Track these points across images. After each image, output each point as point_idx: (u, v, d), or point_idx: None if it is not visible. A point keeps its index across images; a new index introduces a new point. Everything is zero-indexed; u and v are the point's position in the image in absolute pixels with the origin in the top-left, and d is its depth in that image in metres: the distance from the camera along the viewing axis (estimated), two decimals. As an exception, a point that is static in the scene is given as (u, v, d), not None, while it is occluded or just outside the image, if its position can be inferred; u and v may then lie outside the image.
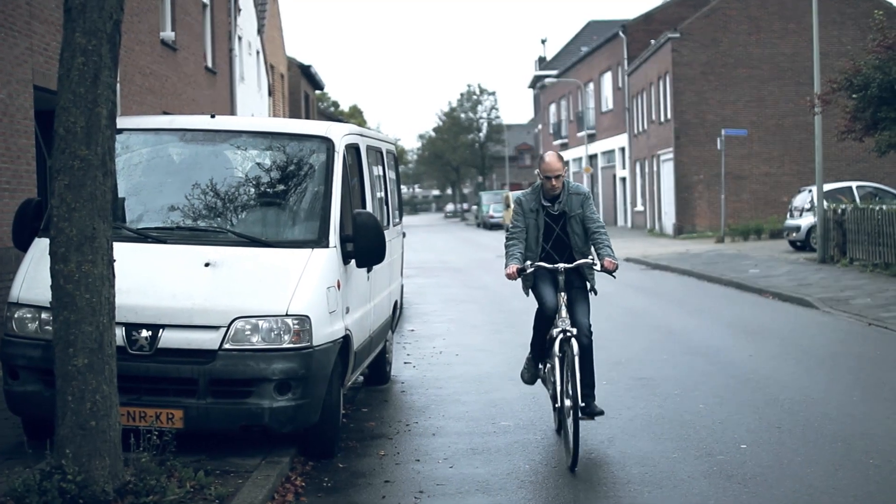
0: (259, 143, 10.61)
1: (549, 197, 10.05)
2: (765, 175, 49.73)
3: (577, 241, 10.12)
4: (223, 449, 9.36)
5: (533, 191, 10.20)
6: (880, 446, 9.70)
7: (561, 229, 10.11)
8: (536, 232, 10.09)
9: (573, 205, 10.07)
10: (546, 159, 10.00)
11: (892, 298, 20.47)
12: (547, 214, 10.09)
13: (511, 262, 9.97)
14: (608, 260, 9.88)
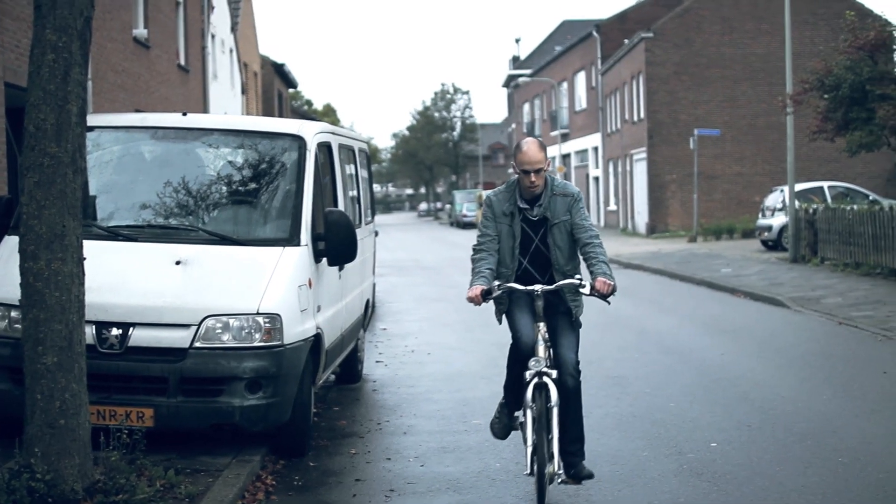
0: (231, 141, 10.57)
1: (528, 197, 8.01)
2: (737, 175, 49.91)
3: (558, 256, 8.05)
4: (194, 447, 9.33)
5: (507, 189, 8.16)
6: (850, 444, 9.74)
7: (541, 240, 8.07)
8: (512, 241, 8.04)
9: (557, 209, 8.01)
10: (523, 148, 7.92)
11: (863, 298, 20.57)
12: (524, 220, 8.04)
13: (476, 282, 7.90)
14: (601, 280, 7.76)
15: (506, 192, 8.16)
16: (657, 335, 17.17)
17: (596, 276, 7.81)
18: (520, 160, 7.90)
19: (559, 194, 8.03)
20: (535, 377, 7.66)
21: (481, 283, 7.86)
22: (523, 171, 7.89)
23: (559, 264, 8.04)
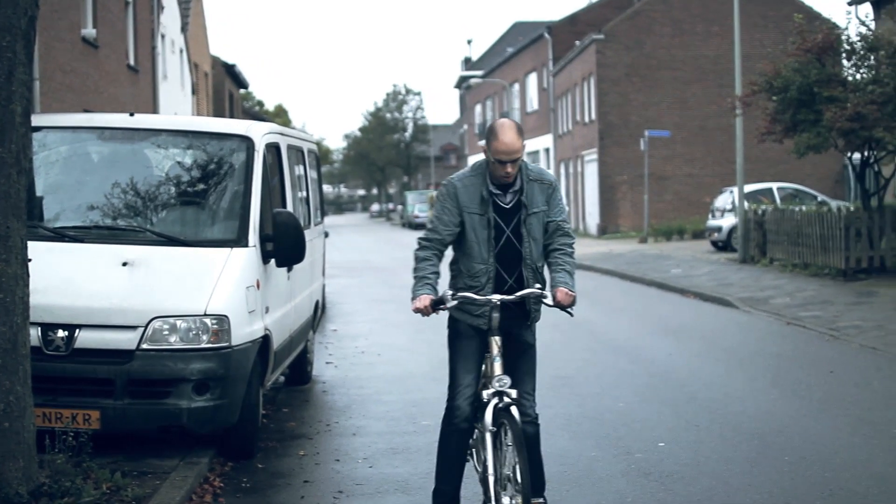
0: (179, 141, 10.51)
1: (499, 184, 7.08)
2: (687, 176, 50.19)
3: (532, 250, 7.13)
4: (141, 450, 9.28)
5: (475, 173, 7.13)
6: (795, 443, 9.82)
7: (514, 231, 7.10)
8: (487, 233, 7.04)
9: (535, 196, 7.12)
10: (499, 134, 6.85)
11: (811, 298, 20.74)
12: (495, 208, 7.08)
13: (421, 290, 7.03)
14: (562, 291, 7.03)
15: (474, 177, 7.10)
16: (607, 336, 17.23)
17: (557, 285, 7.06)
18: (495, 148, 6.86)
19: (535, 180, 7.12)
20: (496, 396, 6.84)
21: (427, 291, 6.98)
22: (498, 160, 6.88)
23: (532, 259, 7.13)
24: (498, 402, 6.80)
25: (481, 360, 7.23)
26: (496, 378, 6.85)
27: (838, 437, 10.07)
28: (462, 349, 7.21)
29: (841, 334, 16.26)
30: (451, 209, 7.06)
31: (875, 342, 15.31)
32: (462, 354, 7.20)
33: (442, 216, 7.10)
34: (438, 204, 7.18)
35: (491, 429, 6.80)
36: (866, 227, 23.62)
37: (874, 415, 10.96)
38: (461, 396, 7.11)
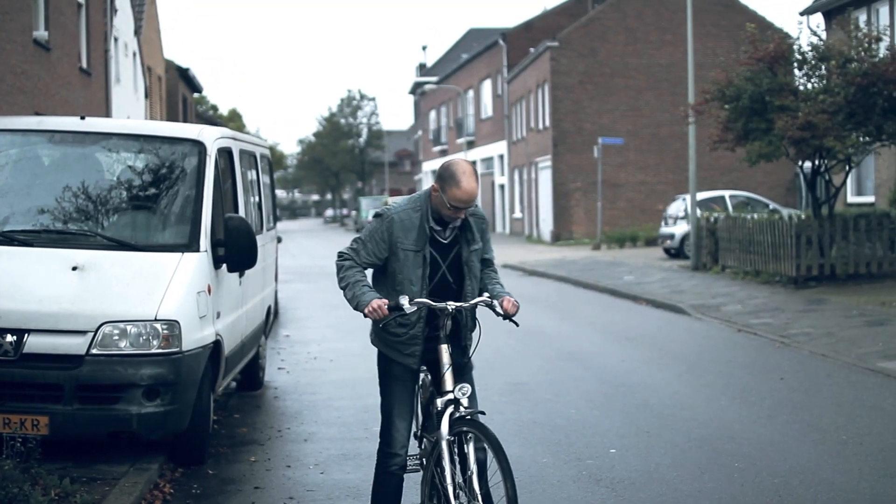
0: (130, 145, 10.44)
1: (439, 219, 6.83)
2: (640, 183, 50.40)
3: (473, 284, 6.95)
4: (90, 456, 9.22)
5: (414, 206, 6.83)
6: (745, 450, 9.88)
7: (450, 266, 6.90)
8: (421, 270, 6.77)
9: (475, 232, 6.97)
10: (462, 182, 6.56)
11: (762, 305, 20.88)
12: (433, 243, 6.83)
13: (370, 294, 6.72)
14: (509, 300, 6.90)
15: (413, 211, 6.79)
16: (559, 342, 17.26)
17: (501, 295, 6.92)
18: (455, 196, 6.56)
19: (472, 215, 6.91)
20: (451, 405, 6.63)
21: (375, 294, 6.70)
22: (454, 206, 6.62)
23: (472, 295, 6.91)
24: (453, 412, 6.59)
25: (414, 402, 7.10)
26: (458, 387, 6.61)
27: (788, 443, 10.14)
28: (396, 393, 6.96)
29: (791, 341, 16.37)
30: (381, 242, 6.78)
31: (825, 349, 15.43)
32: (397, 399, 6.95)
33: (368, 244, 6.84)
34: (369, 231, 6.87)
35: (448, 438, 6.57)
36: (817, 235, 23.80)
37: (823, 421, 11.04)
38: (397, 444, 6.90)
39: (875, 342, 15.64)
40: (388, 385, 6.99)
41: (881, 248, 24.06)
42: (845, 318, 18.27)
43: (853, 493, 8.49)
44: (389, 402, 6.97)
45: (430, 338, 6.83)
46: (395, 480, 6.98)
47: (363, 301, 6.65)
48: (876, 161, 30.22)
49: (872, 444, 10.05)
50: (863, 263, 23.92)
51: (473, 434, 6.50)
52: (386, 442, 6.94)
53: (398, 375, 6.95)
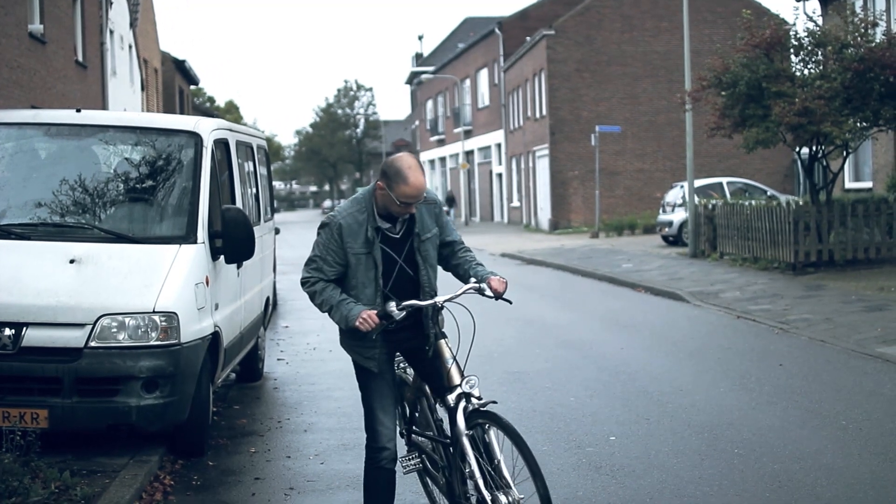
0: (126, 137, 10.43)
1: (388, 215, 6.65)
2: (638, 171, 50.40)
3: (430, 275, 6.80)
4: (90, 449, 9.22)
5: (360, 207, 6.64)
6: (745, 436, 9.88)
7: (406, 260, 6.74)
8: (373, 272, 6.62)
9: (425, 221, 6.78)
10: (410, 178, 6.40)
11: (760, 291, 20.88)
12: (384, 240, 6.65)
13: (357, 307, 6.51)
14: (496, 279, 6.75)
15: (358, 213, 6.61)
16: (558, 330, 17.26)
17: (485, 276, 6.77)
18: (404, 192, 6.41)
19: (424, 203, 6.72)
20: (463, 399, 6.53)
21: (361, 306, 6.51)
22: (404, 203, 6.47)
23: (430, 285, 6.79)
24: (466, 405, 6.49)
25: (397, 395, 7.06)
26: (465, 381, 6.53)
27: (787, 429, 10.14)
28: (374, 389, 6.86)
29: (790, 327, 16.37)
30: (336, 251, 6.58)
31: (824, 335, 15.43)
32: (376, 394, 6.85)
33: (327, 257, 6.61)
34: (321, 245, 6.64)
35: (467, 432, 6.45)
36: (815, 221, 23.79)
37: (823, 407, 11.04)
38: (384, 438, 6.82)
39: (874, 327, 15.64)
40: (364, 382, 6.91)
41: (879, 234, 24.05)
42: (844, 304, 18.27)
43: (853, 477, 8.49)
44: (369, 397, 6.88)
45: (397, 329, 6.74)
46: (385, 475, 6.90)
47: (352, 316, 6.46)
48: (873, 146, 30.22)
49: (872, 429, 10.05)
50: (861, 249, 23.90)
51: (491, 425, 6.40)
52: (372, 437, 6.87)
53: (367, 374, 6.89)
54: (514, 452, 6.19)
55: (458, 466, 6.65)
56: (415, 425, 7.41)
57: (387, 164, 6.51)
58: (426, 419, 7.21)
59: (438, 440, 7.09)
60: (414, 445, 7.47)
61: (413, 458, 7.24)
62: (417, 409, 7.35)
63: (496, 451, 6.30)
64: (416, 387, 7.10)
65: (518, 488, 6.31)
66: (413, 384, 7.17)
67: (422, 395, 7.08)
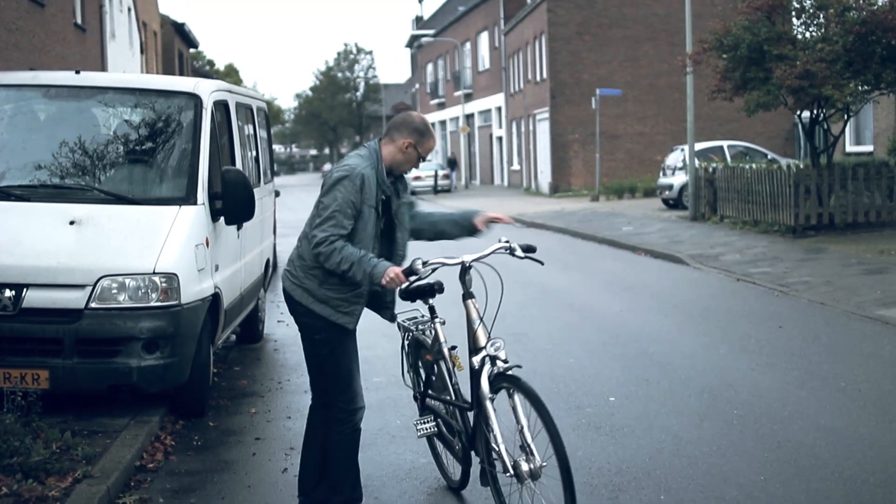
0: (126, 99, 10.42)
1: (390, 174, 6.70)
2: (639, 134, 50.33)
3: (404, 239, 6.86)
4: (91, 409, 9.24)
5: (371, 163, 6.59)
6: (744, 397, 9.91)
7: (388, 222, 6.81)
8: (375, 229, 6.59)
9: (406, 184, 6.92)
10: (431, 132, 6.66)
11: (760, 254, 20.89)
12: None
13: (381, 262, 6.33)
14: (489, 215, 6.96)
15: (371, 168, 6.55)
16: (558, 292, 17.28)
17: (471, 215, 6.88)
18: (429, 147, 6.63)
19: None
20: (488, 361, 6.44)
21: (385, 262, 6.36)
22: (424, 158, 6.70)
23: (404, 248, 6.84)
24: (491, 368, 6.39)
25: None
26: (490, 343, 6.45)
27: (786, 390, 10.17)
28: (350, 348, 6.75)
29: (790, 290, 16.39)
30: (355, 203, 6.39)
31: (823, 297, 15.45)
32: (353, 353, 6.77)
33: (346, 210, 6.38)
34: (342, 199, 6.38)
35: (490, 396, 6.35)
36: (815, 184, 23.77)
37: (822, 368, 11.06)
38: (360, 398, 6.78)
39: (873, 290, 15.66)
40: (338, 340, 6.69)
41: (879, 197, 24.05)
42: (844, 267, 18.28)
43: (851, 438, 8.52)
44: (345, 357, 6.71)
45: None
46: (359, 435, 6.88)
47: (378, 272, 6.28)
48: (874, 110, 30.17)
49: (870, 390, 10.08)
50: (861, 212, 23.91)
51: (515, 390, 6.26)
52: (350, 400, 6.73)
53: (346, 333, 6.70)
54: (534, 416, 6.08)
55: (483, 431, 6.54)
56: (430, 388, 7.35)
57: (415, 121, 6.61)
58: (443, 382, 7.11)
59: (456, 404, 6.98)
60: (428, 409, 7.42)
61: (428, 422, 7.16)
62: (434, 371, 7.29)
63: (520, 415, 6.11)
64: (437, 349, 6.98)
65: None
66: (433, 346, 7.06)
67: (441, 357, 6.97)
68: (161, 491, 7.69)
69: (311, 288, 6.59)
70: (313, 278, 6.57)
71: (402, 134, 6.59)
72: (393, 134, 6.63)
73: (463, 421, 6.94)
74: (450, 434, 7.26)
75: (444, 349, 6.86)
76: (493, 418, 6.29)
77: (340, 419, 6.76)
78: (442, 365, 7.07)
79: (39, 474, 7.37)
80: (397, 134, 6.60)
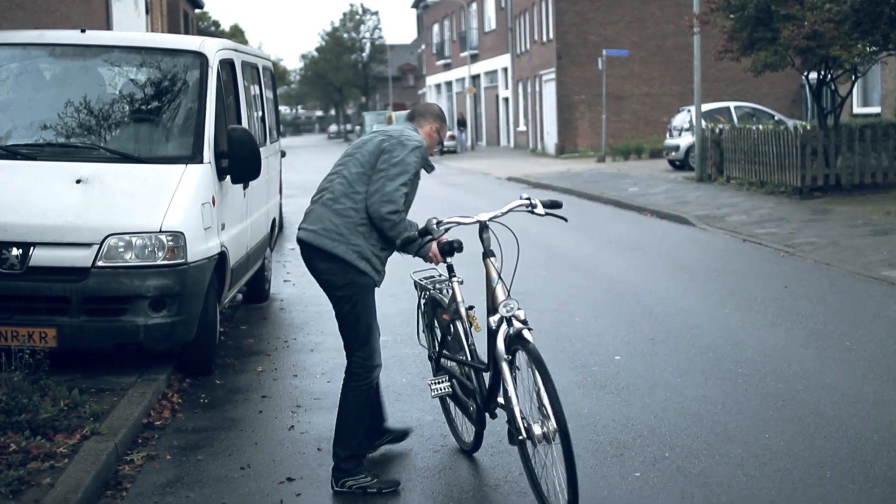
0: (132, 58, 10.40)
1: None
2: (645, 95, 50.19)
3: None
4: (98, 367, 9.28)
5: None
6: (749, 356, 9.93)
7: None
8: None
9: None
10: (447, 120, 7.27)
11: (767, 215, 20.87)
12: None
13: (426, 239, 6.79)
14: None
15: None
16: (564, 253, 17.29)
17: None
18: (445, 132, 7.16)
19: None
20: (504, 322, 6.43)
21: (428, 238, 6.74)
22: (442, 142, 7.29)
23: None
24: (508, 329, 6.38)
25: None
26: (503, 303, 6.39)
27: (792, 349, 10.19)
28: (373, 304, 6.86)
29: (796, 251, 16.38)
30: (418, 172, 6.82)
31: (829, 258, 15.44)
32: (374, 310, 6.88)
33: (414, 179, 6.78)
34: (414, 170, 6.71)
35: (506, 357, 6.34)
36: (822, 145, 23.71)
37: (827, 328, 11.08)
38: (378, 356, 6.91)
39: (879, 251, 15.65)
40: (365, 298, 6.79)
41: (887, 159, 23.98)
42: (850, 228, 18.27)
43: (856, 396, 8.54)
44: (368, 314, 6.81)
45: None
46: (373, 391, 6.99)
47: (425, 250, 6.86)
48: (882, 71, 30.05)
49: (876, 350, 10.09)
50: (868, 174, 23.86)
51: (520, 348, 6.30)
52: (370, 356, 6.83)
53: (368, 286, 6.81)
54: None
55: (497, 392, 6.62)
56: (446, 349, 7.35)
57: (433, 108, 7.16)
58: (460, 343, 7.09)
59: (472, 365, 7.00)
60: (443, 369, 7.42)
61: (442, 382, 7.14)
62: (450, 331, 7.30)
63: (537, 379, 6.08)
64: (454, 309, 6.97)
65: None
66: (449, 306, 7.05)
67: (458, 317, 6.96)
68: (168, 448, 7.74)
69: (359, 244, 6.69)
70: (359, 234, 6.70)
71: (427, 120, 7.06)
72: (420, 120, 7.06)
73: (478, 382, 6.95)
74: (465, 395, 7.27)
75: (461, 309, 6.85)
76: (509, 380, 6.27)
77: (357, 374, 6.84)
78: (458, 325, 7.06)
79: (48, 431, 7.42)
80: (424, 120, 7.06)
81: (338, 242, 6.68)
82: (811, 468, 6.95)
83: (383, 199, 6.58)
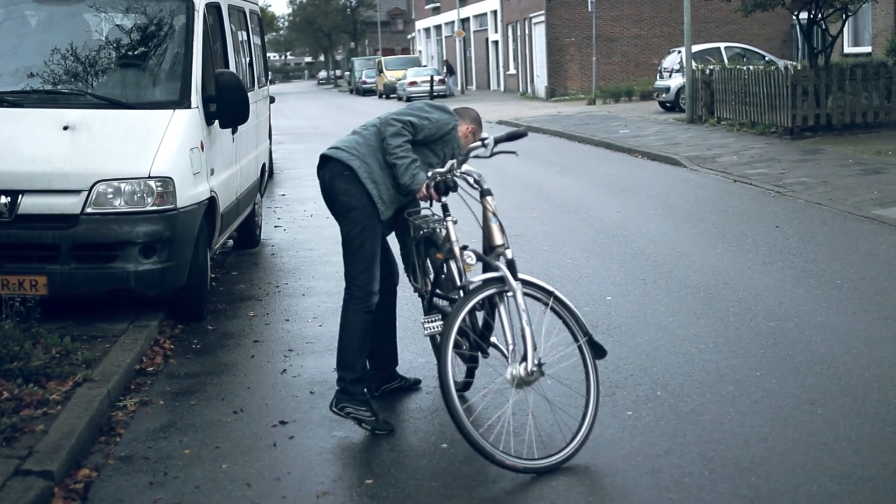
0: (117, 3, 10.31)
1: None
2: (635, 37, 49.97)
3: None
4: (90, 315, 9.27)
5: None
6: (740, 295, 9.94)
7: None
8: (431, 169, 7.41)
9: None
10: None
11: (757, 156, 20.84)
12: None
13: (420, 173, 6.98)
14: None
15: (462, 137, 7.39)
16: (555, 194, 17.28)
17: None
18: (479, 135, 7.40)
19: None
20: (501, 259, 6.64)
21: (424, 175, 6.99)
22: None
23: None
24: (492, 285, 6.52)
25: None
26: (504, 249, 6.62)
27: (783, 288, 10.20)
28: (375, 233, 7.02)
29: (787, 191, 16.37)
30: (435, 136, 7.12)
31: (820, 198, 15.44)
32: (377, 240, 7.04)
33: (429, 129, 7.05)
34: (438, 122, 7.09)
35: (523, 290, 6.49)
36: (813, 85, 23.63)
37: (818, 267, 11.09)
38: (378, 283, 7.04)
39: (870, 190, 15.65)
40: (373, 226, 6.98)
41: (877, 98, 23.91)
42: (841, 168, 18.25)
43: (847, 334, 8.56)
44: (373, 243, 6.98)
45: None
46: (370, 318, 7.05)
47: (419, 180, 6.90)
48: (873, 10, 29.94)
49: (867, 288, 10.10)
50: (859, 113, 23.79)
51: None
52: (369, 282, 6.96)
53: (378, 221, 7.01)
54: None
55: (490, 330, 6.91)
56: (439, 288, 7.32)
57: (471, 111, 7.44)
58: (453, 282, 7.04)
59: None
60: (435, 308, 7.41)
61: (435, 321, 7.11)
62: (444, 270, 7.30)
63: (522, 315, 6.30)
64: (448, 248, 6.96)
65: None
66: (443, 245, 7.05)
67: (451, 256, 6.95)
68: (161, 393, 7.75)
69: (372, 165, 6.97)
70: (374, 160, 6.98)
71: (465, 121, 7.35)
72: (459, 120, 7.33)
73: (471, 320, 6.95)
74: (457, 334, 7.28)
75: (455, 248, 6.86)
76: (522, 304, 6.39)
77: (358, 297, 6.96)
78: (452, 264, 7.07)
79: (40, 378, 7.43)
80: (462, 121, 7.34)
81: (355, 157, 6.96)
82: (802, 405, 6.97)
83: (391, 117, 7.03)
